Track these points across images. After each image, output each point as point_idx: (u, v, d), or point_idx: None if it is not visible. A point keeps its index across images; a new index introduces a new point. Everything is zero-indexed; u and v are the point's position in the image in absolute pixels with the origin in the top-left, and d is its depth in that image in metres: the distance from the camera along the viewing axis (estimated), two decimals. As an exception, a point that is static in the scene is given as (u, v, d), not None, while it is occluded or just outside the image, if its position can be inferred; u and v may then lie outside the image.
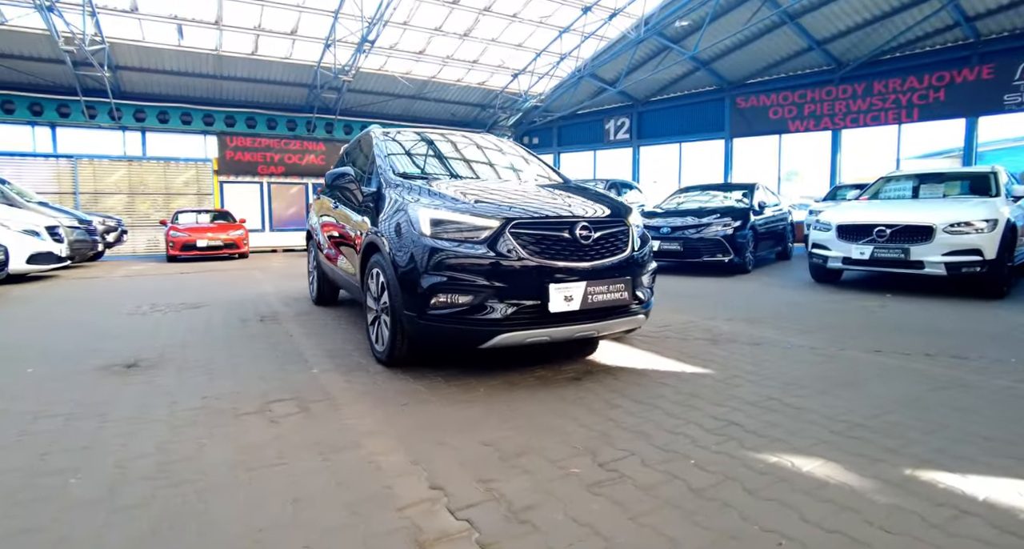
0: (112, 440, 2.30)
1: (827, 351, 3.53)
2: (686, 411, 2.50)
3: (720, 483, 1.82)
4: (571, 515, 1.66)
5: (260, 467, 2.06)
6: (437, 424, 2.42)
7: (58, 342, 4.12)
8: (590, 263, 2.94)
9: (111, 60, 13.34)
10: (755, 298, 5.74)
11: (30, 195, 10.57)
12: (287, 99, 17.51)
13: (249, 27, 13.74)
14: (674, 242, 7.87)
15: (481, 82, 18.68)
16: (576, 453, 2.09)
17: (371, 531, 1.61)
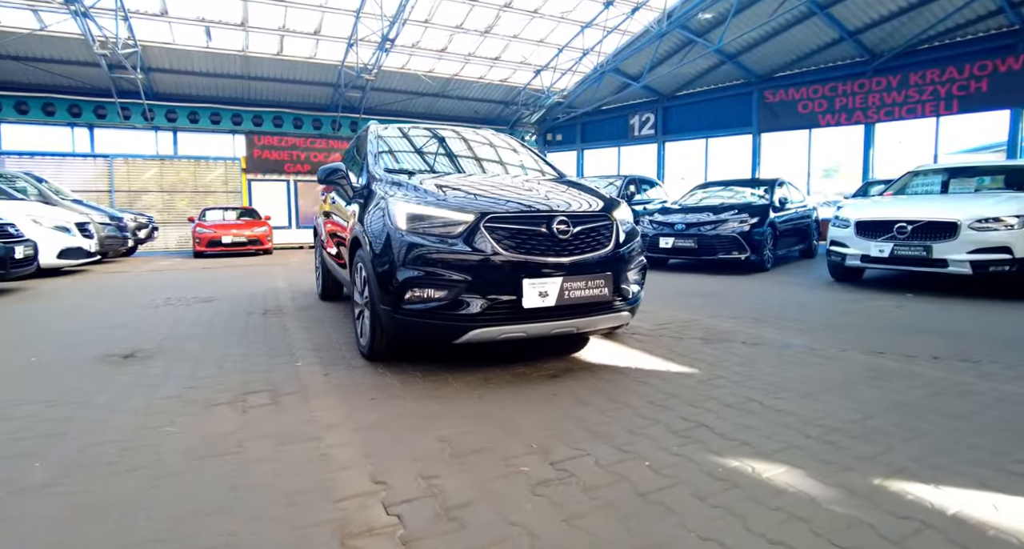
0: (85, 426, 2.35)
1: (826, 352, 3.36)
2: (657, 411, 2.40)
3: (670, 487, 1.74)
4: (504, 514, 1.61)
5: (215, 456, 2.07)
6: (400, 419, 2.39)
7: (69, 332, 4.26)
8: (568, 258, 2.86)
9: (143, 62, 13.80)
10: (767, 297, 5.54)
11: (65, 193, 11.02)
12: (313, 98, 17.83)
13: (274, 28, 14.02)
14: (689, 239, 7.68)
15: (503, 79, 18.65)
16: (531, 451, 2.03)
17: (299, 522, 1.60)
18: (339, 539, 1.52)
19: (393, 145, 4.07)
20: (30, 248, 6.86)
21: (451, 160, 4.09)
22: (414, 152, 4.11)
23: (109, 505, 1.71)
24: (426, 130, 4.45)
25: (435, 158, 4.09)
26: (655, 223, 8.21)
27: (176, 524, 1.60)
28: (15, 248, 6.44)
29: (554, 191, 3.32)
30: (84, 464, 2.01)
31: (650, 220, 8.38)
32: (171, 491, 1.80)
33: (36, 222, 8.13)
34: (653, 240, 8.05)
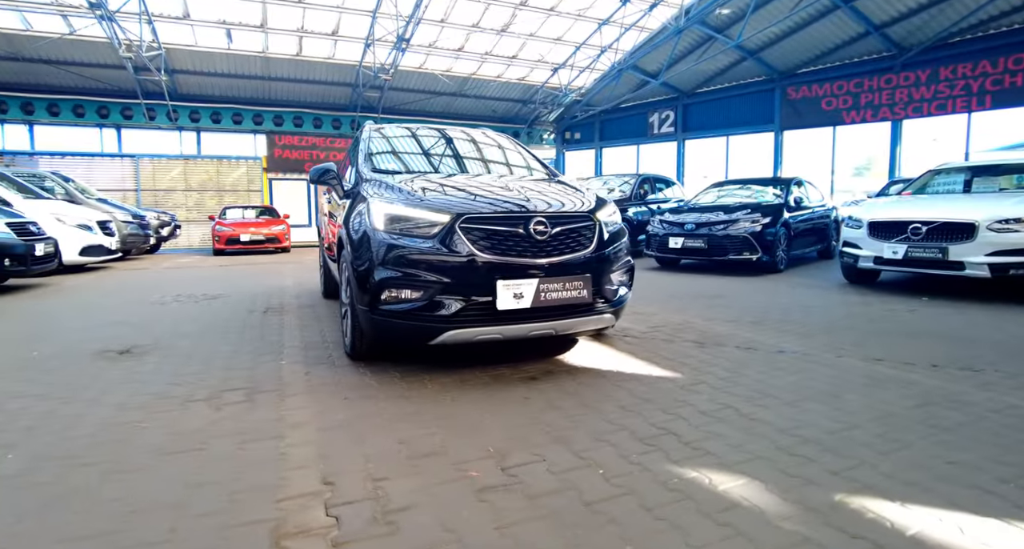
0: (62, 420, 2.40)
1: (821, 358, 3.24)
2: (628, 417, 2.34)
3: (618, 497, 1.68)
4: (441, 519, 1.58)
5: (179, 452, 2.09)
6: (367, 419, 2.38)
7: (75, 328, 4.37)
8: (545, 260, 2.81)
9: (167, 64, 14.14)
10: (774, 299, 5.39)
11: (91, 192, 11.37)
12: (332, 98, 18.04)
13: (292, 29, 14.23)
14: (698, 239, 7.52)
15: (521, 77, 18.60)
16: (487, 455, 1.99)
17: (240, 520, 1.60)
18: (273, 539, 1.51)
19: (385, 145, 4.07)
20: (51, 245, 7.08)
21: (441, 160, 4.07)
22: (405, 152, 4.10)
23: (70, 497, 1.74)
24: (422, 130, 4.44)
25: (426, 158, 4.08)
26: (665, 223, 8.07)
27: (126, 518, 1.62)
28: (36, 246, 6.64)
29: (538, 191, 3.26)
30: (55, 457, 2.05)
31: (660, 220, 8.25)
32: (131, 486, 1.82)
33: (60, 220, 8.40)
34: (663, 240, 7.92)
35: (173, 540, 1.52)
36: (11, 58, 13.27)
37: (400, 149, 4.10)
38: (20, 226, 6.58)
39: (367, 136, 4.09)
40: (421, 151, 4.15)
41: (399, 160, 3.93)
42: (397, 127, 4.38)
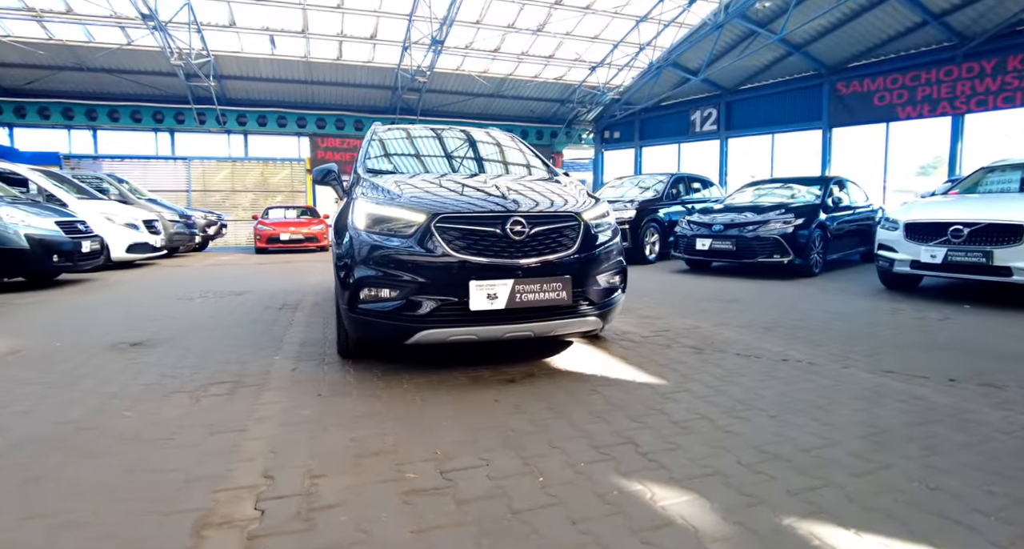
0: (59, 406, 2.53)
1: (825, 368, 3.03)
2: (593, 423, 2.24)
3: (549, 507, 1.60)
4: (360, 520, 1.55)
5: (148, 440, 2.16)
6: (331, 416, 2.38)
7: (102, 320, 4.61)
8: (521, 260, 2.74)
9: (216, 71, 14.81)
10: (797, 304, 5.10)
11: (142, 192, 12.02)
12: (372, 101, 18.45)
13: (332, 34, 14.62)
14: (726, 240, 7.23)
15: (558, 77, 18.47)
16: (432, 457, 1.95)
17: (171, 508, 1.64)
18: (195, 529, 1.53)
19: (386, 147, 4.08)
20: (97, 243, 7.51)
21: (438, 161, 4.06)
22: (403, 154, 4.10)
23: (37, 479, 1.82)
24: (425, 131, 4.44)
25: (422, 159, 4.07)
26: (693, 224, 7.81)
27: (72, 501, 1.68)
28: (82, 243, 7.06)
29: (525, 191, 3.19)
30: (39, 440, 2.16)
31: (688, 220, 7.99)
32: (93, 471, 1.90)
33: (109, 220, 8.92)
34: (690, 242, 7.66)
35: (93, 522, 1.56)
36: (77, 68, 14.22)
37: (399, 150, 4.11)
38: (69, 224, 7.00)
39: (369, 137, 4.13)
40: (420, 152, 4.15)
41: (395, 161, 3.94)
42: (400, 128, 4.39)
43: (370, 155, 3.85)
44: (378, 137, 4.13)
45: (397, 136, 4.26)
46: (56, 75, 14.34)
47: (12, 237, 6.22)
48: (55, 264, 6.63)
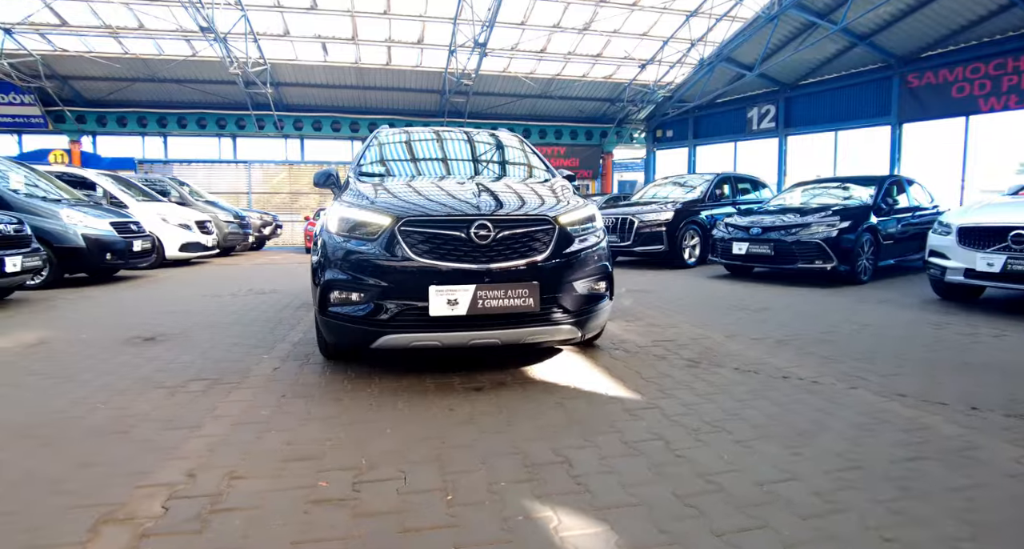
0: (47, 395, 2.70)
1: (827, 388, 2.74)
2: (538, 439, 2.11)
3: (443, 529, 1.50)
4: (251, 526, 1.55)
5: (107, 433, 2.25)
6: (283, 417, 2.38)
7: (130, 315, 4.87)
8: (485, 265, 2.63)
9: (273, 78, 15.51)
10: (830, 315, 4.69)
11: (201, 194, 12.75)
12: (421, 105, 18.75)
13: (381, 40, 14.97)
14: (764, 245, 6.79)
15: (607, 76, 18.11)
16: (354, 467, 1.90)
17: (86, 501, 1.68)
18: (96, 522, 1.56)
19: (384, 151, 4.07)
20: (148, 242, 8.01)
21: (433, 164, 4.02)
22: (398, 158, 4.08)
23: None
24: (428, 134, 4.42)
25: (418, 163, 4.03)
26: (730, 226, 7.39)
27: (9, 488, 1.77)
28: (134, 242, 7.54)
29: (506, 194, 3.09)
30: (13, 427, 2.29)
31: (726, 223, 7.57)
32: (42, 460, 1.99)
33: (164, 220, 9.51)
34: (726, 245, 7.26)
35: (16, 511, 1.63)
36: (149, 79, 15.30)
37: (395, 154, 4.09)
38: (122, 225, 7.49)
39: (368, 141, 4.14)
40: (416, 156, 4.12)
41: (389, 165, 3.92)
42: (403, 131, 4.38)
43: (365, 159, 3.85)
44: (377, 141, 4.13)
45: (396, 140, 4.25)
46: (132, 86, 15.48)
47: (71, 236, 6.72)
48: (108, 262, 7.11)
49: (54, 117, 15.63)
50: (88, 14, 12.64)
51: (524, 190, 3.21)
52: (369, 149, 3.99)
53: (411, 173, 3.81)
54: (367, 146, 4.03)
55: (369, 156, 3.90)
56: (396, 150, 4.12)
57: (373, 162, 3.85)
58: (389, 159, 3.95)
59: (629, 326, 4.25)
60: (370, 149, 3.99)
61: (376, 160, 3.87)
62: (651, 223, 8.81)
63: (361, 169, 3.73)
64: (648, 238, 8.80)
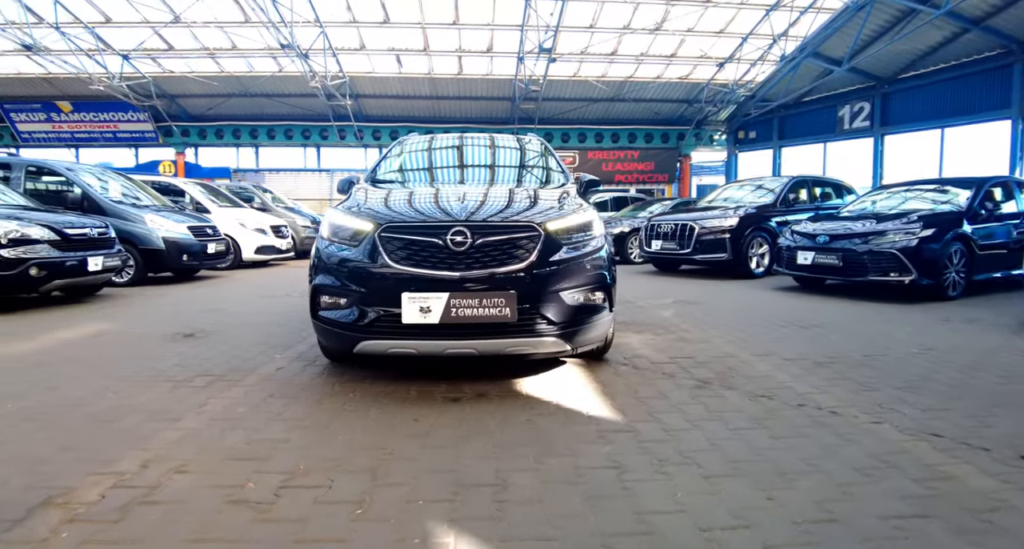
0: (71, 384, 2.93)
1: (846, 422, 2.38)
2: (485, 459, 1.99)
3: (330, 543, 1.46)
4: (165, 520, 1.60)
5: (100, 421, 2.42)
6: (256, 416, 2.45)
7: (184, 312, 5.26)
8: (460, 273, 2.55)
9: (352, 90, 16.37)
10: (893, 335, 4.13)
11: (282, 200, 13.64)
12: (491, 113, 19.03)
13: (451, 50, 15.35)
14: (831, 254, 6.15)
15: (682, 76, 17.44)
16: (290, 471, 1.90)
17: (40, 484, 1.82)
18: (36, 505, 1.67)
19: (400, 157, 4.11)
20: (222, 245, 8.66)
21: (440, 171, 4.01)
22: (415, 163, 4.10)
23: None
24: (449, 140, 4.43)
25: (427, 170, 4.04)
26: (796, 234, 6.79)
27: None
28: (208, 245, 8.18)
29: (496, 199, 2.99)
30: (21, 412, 2.51)
31: (792, 230, 6.96)
32: (32, 441, 2.18)
33: (242, 225, 10.25)
34: (791, 255, 6.66)
35: None
36: (242, 95, 16.68)
37: (409, 161, 4.12)
38: (199, 229, 8.15)
39: (390, 148, 4.20)
40: (428, 162, 4.14)
41: (399, 172, 3.94)
42: (424, 138, 4.42)
43: (380, 167, 3.90)
44: (396, 148, 4.18)
45: (415, 147, 4.28)
46: (227, 102, 16.97)
47: (153, 239, 7.41)
48: (185, 262, 7.76)
49: (164, 131, 17.46)
50: (190, 38, 13.99)
51: (522, 196, 3.09)
52: (387, 157, 4.04)
53: (418, 180, 3.81)
54: (385, 154, 4.08)
55: (384, 164, 3.94)
56: (412, 158, 4.14)
57: (387, 170, 3.90)
58: (402, 166, 3.99)
59: (654, 339, 3.99)
60: (388, 157, 4.04)
61: (390, 168, 3.91)
62: (713, 230, 8.30)
63: (375, 176, 3.78)
64: (709, 246, 8.30)
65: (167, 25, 13.13)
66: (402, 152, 4.18)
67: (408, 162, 4.08)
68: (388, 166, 3.94)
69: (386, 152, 4.11)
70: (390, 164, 3.96)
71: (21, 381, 3.01)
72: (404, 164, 4.04)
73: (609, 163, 20.58)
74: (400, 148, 4.21)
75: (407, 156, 4.15)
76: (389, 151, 4.11)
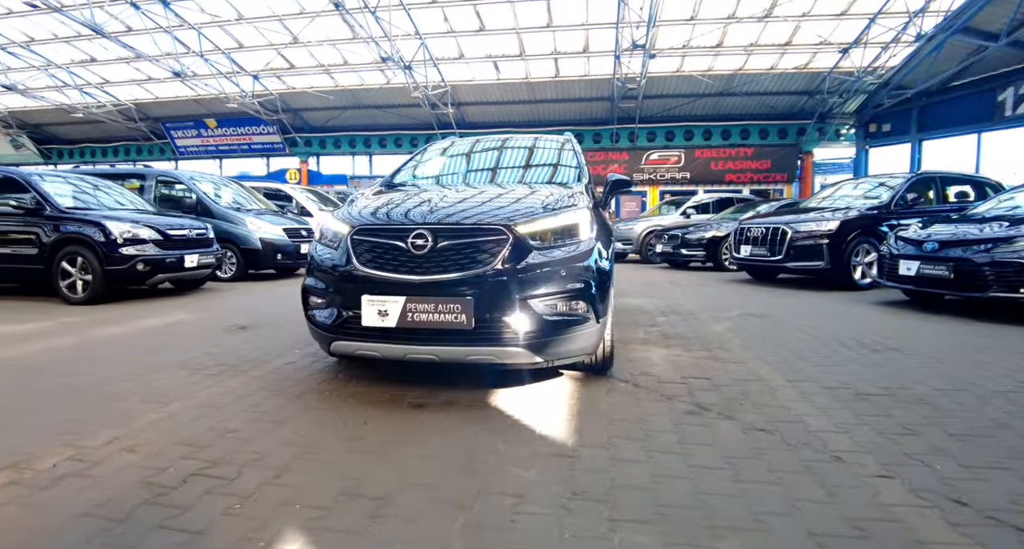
0: (117, 366, 3.33)
1: (843, 472, 1.95)
2: (394, 471, 1.91)
3: (180, 533, 1.47)
4: (74, 491, 1.77)
5: (107, 395, 2.76)
6: (231, 406, 2.60)
7: (255, 305, 5.79)
8: (419, 276, 2.48)
9: (453, 99, 16.99)
10: (985, 369, 3.35)
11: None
12: (591, 114, 18.70)
13: (547, 53, 15.32)
14: (940, 264, 5.18)
15: (799, 66, 15.85)
16: (212, 461, 1.99)
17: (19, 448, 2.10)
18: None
19: (418, 163, 4.16)
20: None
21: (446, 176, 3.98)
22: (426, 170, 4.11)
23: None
24: (467, 144, 4.44)
25: (436, 174, 4.03)
26: (900, 240, 5.83)
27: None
28: (301, 245, 8.92)
29: (476, 200, 2.90)
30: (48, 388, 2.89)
31: (897, 235, 6.00)
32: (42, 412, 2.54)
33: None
34: (892, 265, 5.74)
35: None
36: (355, 107, 18.02)
37: (424, 165, 4.13)
38: (293, 231, 8.92)
39: (413, 154, 4.28)
40: (443, 166, 4.13)
41: (411, 176, 3.96)
42: (444, 142, 4.46)
43: (401, 171, 3.97)
44: (420, 153, 4.25)
45: (436, 152, 4.33)
46: (343, 113, 18.43)
47: (252, 240, 8.25)
48: (280, 261, 8.54)
49: (290, 142, 19.41)
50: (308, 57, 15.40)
51: (508, 198, 2.95)
52: (408, 161, 4.10)
53: (423, 184, 3.81)
54: (409, 158, 4.15)
55: (404, 168, 4.01)
56: (429, 163, 4.17)
57: (404, 175, 3.96)
58: (415, 171, 4.02)
59: (679, 356, 3.62)
60: (409, 161, 4.10)
61: (407, 172, 3.97)
62: (808, 234, 7.41)
63: (392, 180, 3.85)
64: (803, 252, 7.42)
65: (287, 46, 14.60)
66: (422, 157, 4.23)
67: (423, 167, 4.10)
68: (406, 170, 3.99)
69: (409, 157, 4.18)
70: (408, 168, 4.01)
71: (82, 361, 3.48)
72: (419, 168, 4.07)
73: (718, 162, 19.27)
74: (422, 153, 4.26)
75: (425, 161, 4.18)
76: (412, 156, 4.17)
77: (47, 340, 4.13)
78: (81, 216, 5.88)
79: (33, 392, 2.84)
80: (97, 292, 5.76)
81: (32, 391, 2.86)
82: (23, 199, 5.93)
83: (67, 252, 5.78)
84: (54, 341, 4.09)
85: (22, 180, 6.13)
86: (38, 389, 2.89)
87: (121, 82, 17.18)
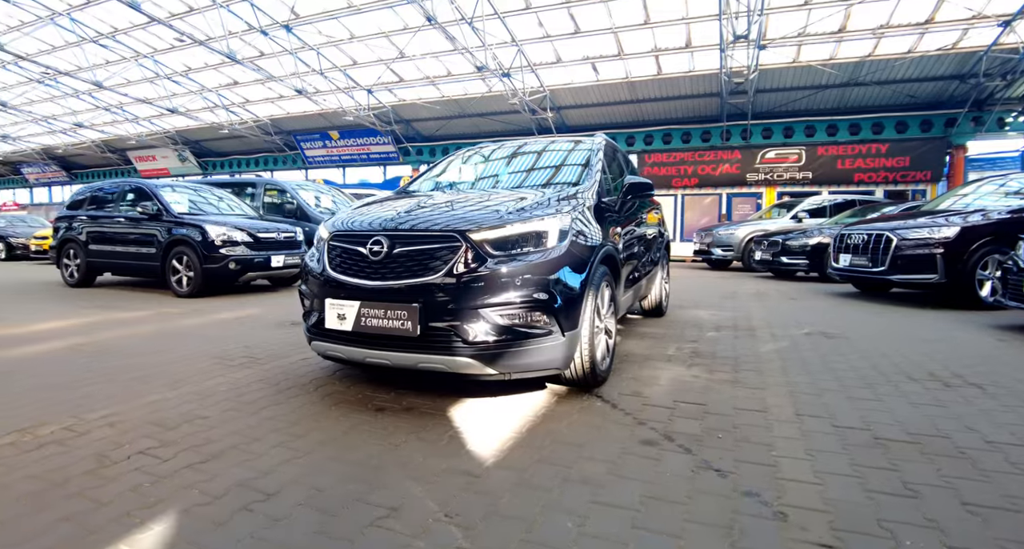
0: (168, 352, 3.77)
1: (776, 532, 1.66)
2: (300, 469, 1.97)
3: (98, 507, 1.65)
4: (44, 458, 2.07)
5: (131, 380, 3.11)
6: (224, 392, 2.88)
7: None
8: (374, 282, 2.53)
9: (552, 103, 17.01)
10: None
11: (476, 209, 14.95)
12: (697, 111, 17.70)
13: (647, 51, 14.78)
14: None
15: (946, 46, 13.65)
16: (169, 443, 2.21)
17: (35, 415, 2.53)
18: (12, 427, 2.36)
19: (434, 170, 4.24)
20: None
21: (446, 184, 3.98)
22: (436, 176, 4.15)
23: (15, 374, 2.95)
24: (488, 148, 4.46)
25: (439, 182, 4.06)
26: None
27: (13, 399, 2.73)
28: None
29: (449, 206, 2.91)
30: (111, 366, 3.37)
31: (1028, 247, 4.95)
32: (71, 388, 2.96)
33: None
34: (1016, 282, 4.75)
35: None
36: (460, 116, 18.74)
37: (437, 172, 4.19)
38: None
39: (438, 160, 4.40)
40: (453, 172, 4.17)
41: (421, 185, 4.04)
42: (473, 150, 4.51)
43: (417, 178, 4.09)
44: (444, 159, 4.35)
45: (452, 160, 4.38)
46: (449, 122, 19.26)
47: (341, 241, 8.94)
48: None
49: (403, 152, 20.70)
50: (414, 70, 16.31)
51: (481, 204, 2.91)
52: (430, 170, 4.20)
53: (423, 191, 3.86)
54: (432, 165, 4.25)
55: (422, 177, 4.11)
56: (441, 171, 4.22)
57: (417, 183, 4.06)
58: (425, 179, 4.10)
59: (692, 377, 3.30)
60: (431, 170, 4.20)
61: (421, 180, 4.07)
62: (918, 242, 6.38)
63: (408, 188, 3.97)
64: (911, 263, 6.40)
65: (395, 60, 15.60)
66: (444, 165, 4.30)
67: (436, 174, 4.17)
68: (423, 178, 4.09)
69: (433, 164, 4.28)
70: (425, 176, 4.11)
71: (147, 345, 4.05)
72: (432, 176, 4.14)
73: (846, 160, 17.20)
74: (445, 161, 4.35)
75: (439, 169, 4.25)
76: (434, 163, 4.28)
77: (136, 326, 4.83)
78: (189, 220, 6.78)
79: (91, 369, 3.35)
80: (198, 287, 6.61)
81: (91, 369, 3.37)
82: (147, 206, 6.98)
83: (176, 251, 6.70)
84: (140, 327, 4.77)
85: (148, 190, 7.22)
86: (97, 367, 3.40)
87: (258, 101, 19.55)
